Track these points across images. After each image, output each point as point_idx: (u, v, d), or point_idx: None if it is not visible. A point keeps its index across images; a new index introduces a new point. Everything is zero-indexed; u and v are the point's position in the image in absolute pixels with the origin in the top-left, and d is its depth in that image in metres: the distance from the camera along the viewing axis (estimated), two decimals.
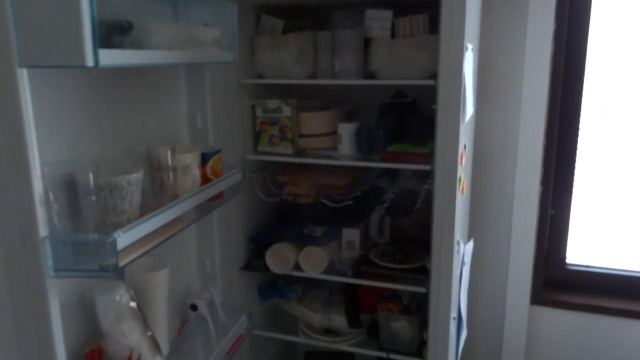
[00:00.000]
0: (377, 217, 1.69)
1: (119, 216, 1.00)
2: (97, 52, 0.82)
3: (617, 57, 1.74)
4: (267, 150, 1.66)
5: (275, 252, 1.65)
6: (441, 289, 1.45)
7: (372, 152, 1.57)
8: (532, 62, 1.71)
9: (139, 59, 0.98)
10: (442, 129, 1.33)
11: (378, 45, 1.50)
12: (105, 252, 0.91)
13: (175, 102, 1.37)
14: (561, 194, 1.86)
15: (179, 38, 1.13)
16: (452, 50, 1.27)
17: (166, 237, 1.08)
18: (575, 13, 1.70)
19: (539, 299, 1.90)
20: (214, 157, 1.29)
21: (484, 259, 1.88)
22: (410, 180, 1.70)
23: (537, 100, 1.73)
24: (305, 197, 1.66)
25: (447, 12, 1.25)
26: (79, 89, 1.05)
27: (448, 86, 1.30)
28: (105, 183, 0.98)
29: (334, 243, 1.69)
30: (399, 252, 1.64)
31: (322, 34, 1.56)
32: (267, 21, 1.65)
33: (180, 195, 1.17)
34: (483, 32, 1.69)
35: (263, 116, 1.65)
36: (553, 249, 1.91)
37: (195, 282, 1.51)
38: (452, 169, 1.35)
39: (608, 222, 1.87)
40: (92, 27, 0.81)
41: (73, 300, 1.05)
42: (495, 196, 1.85)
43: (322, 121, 1.65)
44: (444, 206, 1.38)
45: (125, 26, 0.97)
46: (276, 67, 1.59)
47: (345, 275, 1.61)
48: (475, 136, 1.76)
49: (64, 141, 1.01)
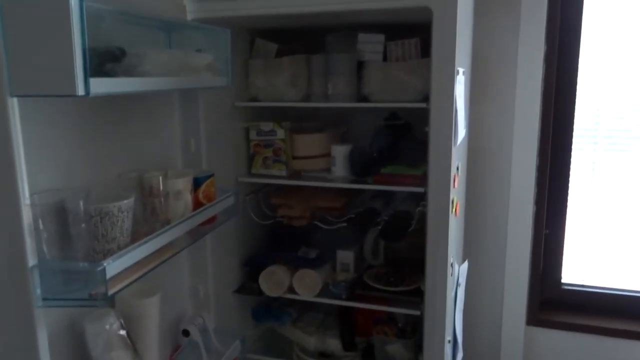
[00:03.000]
0: (371, 239, 1.69)
1: (110, 243, 0.99)
2: (88, 81, 0.83)
3: (609, 76, 1.75)
4: (261, 173, 1.66)
5: (269, 275, 1.64)
6: (436, 312, 1.44)
7: (366, 174, 1.57)
8: (524, 83, 1.73)
9: (131, 86, 0.99)
10: (435, 152, 1.33)
11: (371, 68, 1.52)
12: (94, 280, 0.90)
13: (168, 126, 1.37)
14: (555, 214, 1.86)
15: (172, 64, 1.14)
16: (443, 74, 1.28)
17: (158, 263, 1.07)
18: (566, 32, 1.72)
19: (534, 319, 1.88)
20: (206, 182, 1.29)
21: (479, 279, 1.87)
22: (405, 202, 1.70)
23: (530, 120, 1.75)
24: (299, 219, 1.65)
25: (438, 37, 1.26)
26: (71, 116, 1.05)
27: (440, 110, 1.30)
28: (95, 210, 0.97)
29: (328, 265, 1.68)
30: (394, 274, 1.64)
31: (316, 57, 1.57)
32: (261, 45, 1.66)
33: (172, 220, 1.16)
34: (475, 53, 1.70)
35: (257, 139, 1.65)
36: (548, 268, 1.90)
37: (187, 306, 1.50)
38: (444, 192, 1.34)
39: (603, 241, 1.87)
40: (83, 56, 0.82)
41: (62, 329, 1.03)
42: (489, 216, 1.85)
43: (316, 143, 1.65)
44: (438, 229, 1.38)
45: (117, 54, 0.98)
46: (270, 90, 1.60)
47: (340, 298, 1.60)
48: (469, 156, 1.76)
49: (55, 169, 1.00)
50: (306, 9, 1.31)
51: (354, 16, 1.41)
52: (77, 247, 0.96)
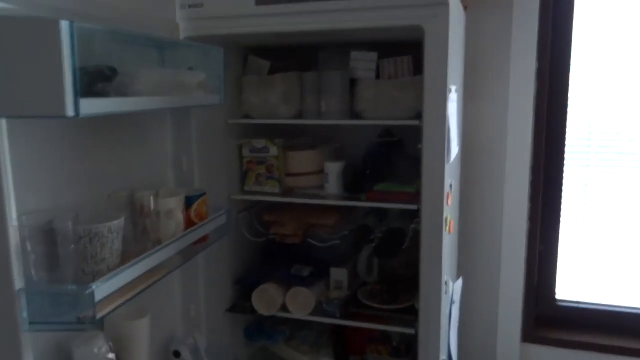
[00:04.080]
0: (365, 257, 1.68)
1: (99, 264, 0.98)
2: (78, 102, 0.82)
3: (601, 92, 1.76)
4: (254, 190, 1.65)
5: (262, 294, 1.62)
6: (430, 330, 1.43)
7: (360, 191, 1.56)
8: (517, 100, 1.74)
9: (122, 106, 0.98)
10: (428, 169, 1.33)
11: (363, 86, 1.52)
12: (83, 303, 0.89)
13: (160, 145, 1.36)
14: (549, 230, 1.86)
15: (165, 83, 1.13)
16: (435, 92, 1.28)
17: (148, 284, 1.06)
18: (558, 48, 1.74)
19: (530, 336, 1.87)
20: (198, 200, 1.28)
21: (473, 297, 1.86)
22: (398, 219, 1.69)
23: (522, 137, 1.75)
24: (293, 237, 1.64)
25: (430, 56, 1.27)
26: (61, 136, 1.04)
27: (433, 127, 1.30)
28: (85, 231, 0.96)
29: (322, 283, 1.67)
30: (388, 292, 1.62)
31: (309, 74, 1.57)
32: (254, 62, 1.67)
33: (163, 240, 1.14)
34: (467, 70, 1.71)
35: (250, 156, 1.65)
36: (543, 285, 1.90)
37: (179, 327, 1.47)
38: (438, 209, 1.34)
39: (597, 257, 1.87)
40: (73, 76, 0.81)
41: (49, 353, 1.01)
42: (483, 233, 1.84)
43: (309, 160, 1.65)
44: (431, 247, 1.37)
45: (108, 73, 0.97)
46: (263, 107, 1.60)
47: (334, 317, 1.58)
48: (462, 174, 1.76)
49: (44, 189, 0.99)
50: (299, 28, 1.32)
51: (347, 35, 1.41)
52: (65, 269, 0.95)
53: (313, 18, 1.29)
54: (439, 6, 1.22)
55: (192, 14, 1.36)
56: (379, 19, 1.26)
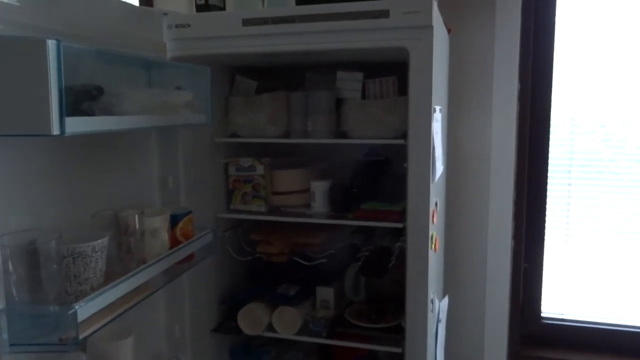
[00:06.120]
0: (351, 275, 1.68)
1: (82, 284, 0.97)
2: (63, 121, 0.82)
3: (582, 113, 1.80)
4: (240, 209, 1.65)
5: (248, 313, 1.61)
6: (416, 348, 1.42)
7: (346, 210, 1.57)
8: (500, 119, 1.77)
9: (108, 125, 0.98)
10: (413, 188, 1.34)
11: (349, 105, 1.54)
12: (65, 324, 0.87)
13: (146, 164, 1.36)
14: (533, 248, 1.88)
15: (151, 102, 1.14)
16: (420, 112, 1.30)
17: (132, 304, 1.05)
18: (539, 68, 1.78)
19: (515, 354, 1.87)
20: (184, 219, 1.27)
21: (459, 315, 1.87)
22: (385, 237, 1.70)
23: (506, 156, 1.78)
24: (279, 255, 1.64)
25: (415, 76, 1.29)
26: (44, 154, 1.03)
27: (417, 147, 1.32)
28: (68, 250, 0.95)
29: (308, 302, 1.66)
30: (375, 310, 1.62)
31: (295, 94, 1.59)
32: (241, 82, 1.68)
33: (148, 259, 1.14)
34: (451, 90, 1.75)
35: (236, 174, 1.65)
36: (528, 302, 1.91)
37: (163, 347, 1.45)
38: (424, 227, 1.35)
39: (581, 274, 1.89)
40: (59, 95, 0.81)
41: None
42: (468, 252, 1.86)
43: (295, 179, 1.65)
44: (417, 264, 1.37)
45: (94, 93, 0.97)
46: (250, 126, 1.60)
47: (320, 336, 1.57)
48: (447, 193, 1.78)
49: (27, 208, 0.98)
50: (285, 48, 1.33)
51: (333, 55, 1.43)
52: (48, 289, 0.93)
53: (299, 39, 1.31)
54: (423, 29, 1.25)
55: (178, 34, 1.38)
56: (364, 40, 1.28)
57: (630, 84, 1.74)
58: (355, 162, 1.66)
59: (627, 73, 1.74)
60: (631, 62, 1.74)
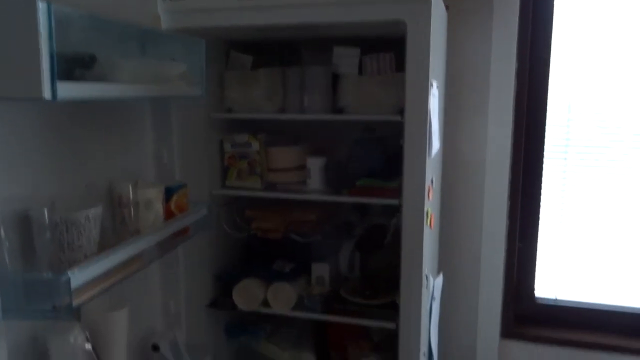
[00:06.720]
0: (347, 252, 1.68)
1: (76, 253, 0.96)
2: (55, 85, 0.81)
3: (580, 93, 1.80)
4: (236, 185, 1.64)
5: (243, 289, 1.61)
6: (411, 324, 1.43)
7: (342, 187, 1.56)
8: (497, 96, 1.76)
9: (101, 92, 0.97)
10: (409, 164, 1.34)
11: (346, 81, 1.53)
12: (58, 291, 0.87)
13: (140, 137, 1.35)
14: (528, 228, 1.89)
15: (145, 73, 1.12)
16: (417, 86, 1.29)
17: (126, 274, 1.04)
18: (537, 47, 1.77)
19: (509, 332, 1.89)
20: (178, 192, 1.27)
21: (454, 293, 1.87)
22: (380, 215, 1.70)
23: (502, 136, 1.78)
24: (274, 232, 1.63)
25: (412, 49, 1.28)
26: (39, 123, 1.02)
27: (414, 122, 1.31)
28: (61, 219, 0.94)
29: (303, 279, 1.66)
30: (370, 287, 1.63)
31: (291, 70, 1.57)
32: (237, 57, 1.66)
33: (142, 231, 1.13)
34: (449, 64, 1.73)
35: (232, 151, 1.64)
36: (522, 282, 1.92)
37: (158, 322, 1.46)
38: (419, 204, 1.35)
39: (575, 254, 1.90)
40: (50, 59, 0.80)
41: (24, 343, 0.99)
42: (463, 230, 1.86)
43: (291, 156, 1.65)
44: (412, 241, 1.38)
45: (87, 60, 0.96)
46: (245, 102, 1.59)
47: (315, 312, 1.58)
48: (443, 171, 1.78)
49: (19, 177, 0.97)
50: (280, 21, 1.32)
51: (329, 29, 1.42)
52: (41, 257, 0.93)
53: (295, 11, 1.30)
54: (421, 2, 1.23)
55: (173, 6, 1.36)
56: (361, 13, 1.27)
57: (628, 73, 1.73)
58: (352, 140, 1.65)
59: (625, 60, 1.73)
60: (629, 50, 1.72)
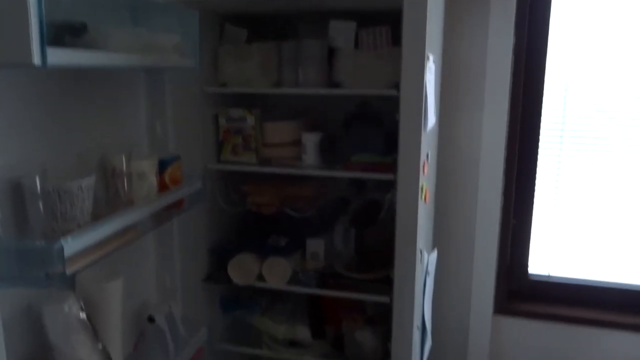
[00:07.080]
0: (341, 227, 1.68)
1: (69, 223, 0.96)
2: (45, 51, 0.80)
3: (576, 75, 1.79)
4: (231, 160, 1.63)
5: (238, 263, 1.62)
6: (405, 299, 1.45)
7: (337, 162, 1.56)
8: (494, 78, 1.75)
9: (92, 60, 0.95)
10: (404, 138, 1.34)
11: (342, 55, 1.51)
12: (51, 259, 0.87)
13: (134, 109, 1.34)
14: (522, 204, 1.89)
15: (137, 42, 1.11)
16: (413, 61, 1.28)
17: (120, 244, 1.04)
18: (534, 31, 1.75)
19: (502, 308, 1.91)
20: (172, 164, 1.26)
21: (448, 268, 1.89)
22: (375, 190, 1.70)
23: (498, 114, 1.77)
24: (269, 207, 1.64)
25: (409, 21, 1.26)
26: (31, 92, 1.01)
27: (410, 96, 1.31)
28: (54, 188, 0.94)
29: (298, 254, 1.67)
30: (364, 262, 1.64)
31: (287, 44, 1.56)
32: (231, 31, 1.64)
33: (135, 202, 1.13)
34: (446, 49, 1.72)
35: (226, 125, 1.63)
36: (515, 258, 1.93)
37: (153, 294, 1.47)
38: (414, 178, 1.35)
39: (569, 231, 1.91)
40: (39, 24, 0.78)
41: (19, 312, 1.00)
42: (458, 207, 1.86)
43: (286, 131, 1.64)
44: (407, 216, 1.38)
45: (77, 27, 0.94)
46: (240, 76, 1.58)
47: (310, 287, 1.59)
48: (439, 148, 1.77)
49: (11, 145, 0.96)
50: None
51: (325, 1, 1.40)
52: (34, 226, 0.93)
53: None
54: None
55: None
56: None
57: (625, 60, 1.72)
58: (347, 114, 1.65)
59: (622, 47, 1.72)
60: (626, 36, 1.71)
